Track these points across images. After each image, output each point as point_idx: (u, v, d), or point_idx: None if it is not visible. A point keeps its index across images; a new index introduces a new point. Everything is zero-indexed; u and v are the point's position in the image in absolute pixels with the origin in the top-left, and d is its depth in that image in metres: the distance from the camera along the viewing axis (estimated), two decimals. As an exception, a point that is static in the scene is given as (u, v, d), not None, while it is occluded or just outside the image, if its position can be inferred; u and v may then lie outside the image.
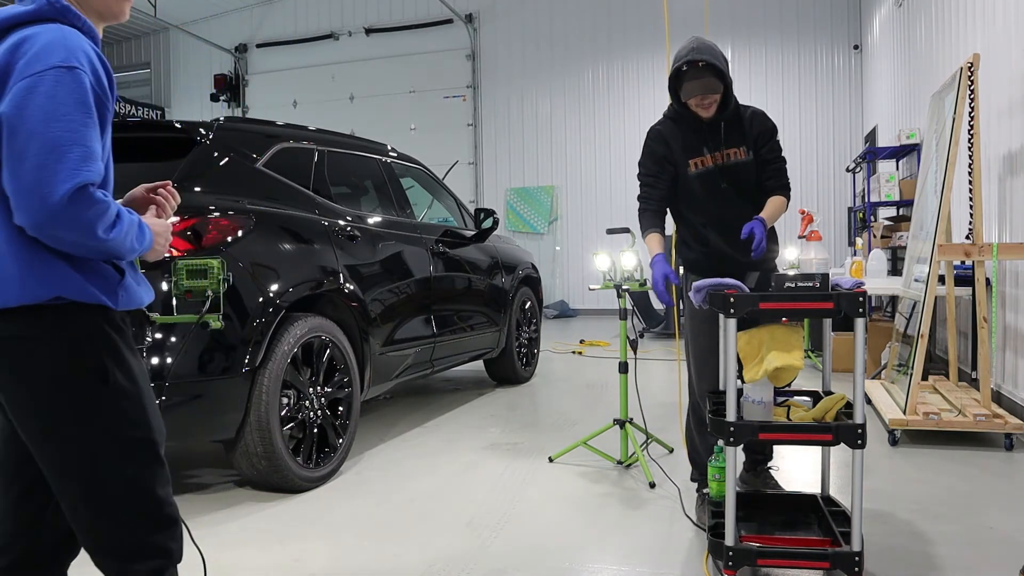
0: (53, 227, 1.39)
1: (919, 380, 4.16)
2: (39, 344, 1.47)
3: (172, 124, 3.77)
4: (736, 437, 2.31)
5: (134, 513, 1.56)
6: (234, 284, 3.09)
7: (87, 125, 1.42)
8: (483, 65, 12.33)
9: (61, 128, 1.39)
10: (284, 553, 2.74)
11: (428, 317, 4.51)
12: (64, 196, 1.36)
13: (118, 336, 1.56)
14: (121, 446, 1.54)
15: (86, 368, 1.50)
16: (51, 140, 1.37)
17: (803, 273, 2.37)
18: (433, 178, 5.46)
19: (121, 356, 1.55)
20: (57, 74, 1.41)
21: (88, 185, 1.39)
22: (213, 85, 13.52)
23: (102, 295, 1.51)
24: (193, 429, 3.12)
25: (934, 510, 3.06)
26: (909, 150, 6.98)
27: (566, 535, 2.88)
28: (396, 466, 3.79)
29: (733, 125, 2.85)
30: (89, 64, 1.47)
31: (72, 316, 1.49)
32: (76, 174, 1.37)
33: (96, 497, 1.53)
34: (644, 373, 6.02)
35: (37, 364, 1.47)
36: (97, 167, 1.42)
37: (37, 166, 1.36)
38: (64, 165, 1.37)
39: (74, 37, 1.48)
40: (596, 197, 11.82)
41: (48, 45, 1.44)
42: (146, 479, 1.57)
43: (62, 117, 1.39)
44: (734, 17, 11.01)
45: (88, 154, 1.40)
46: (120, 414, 1.53)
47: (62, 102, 1.40)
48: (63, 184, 1.36)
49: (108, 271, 1.54)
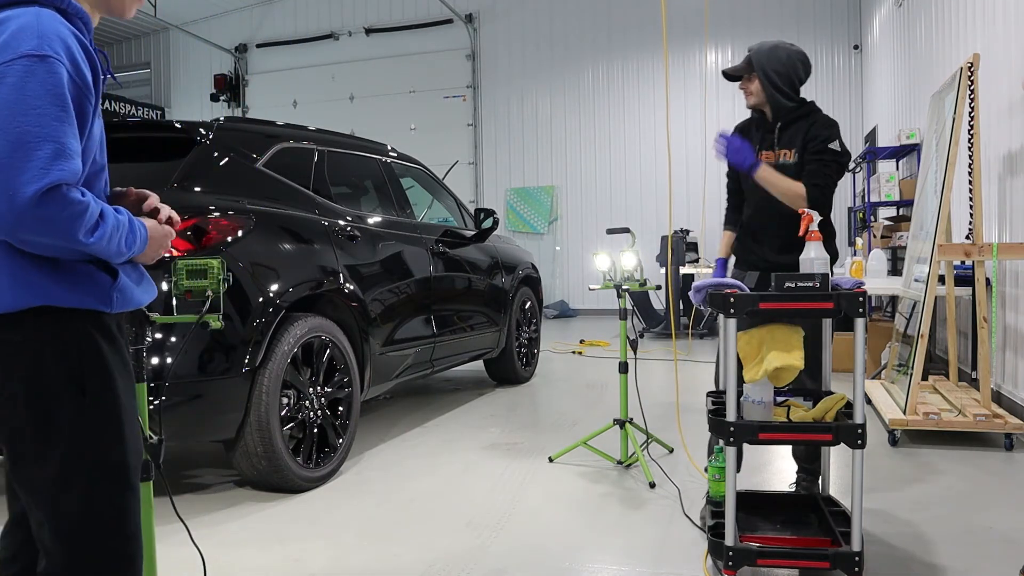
0: (22, 231, 1.27)
1: (919, 380, 4.16)
2: (21, 349, 1.38)
3: (172, 124, 3.76)
4: (736, 437, 2.31)
5: (93, 545, 1.44)
6: (234, 284, 3.09)
7: (61, 120, 1.30)
8: (483, 65, 12.33)
9: (30, 123, 1.26)
10: (284, 553, 2.74)
11: (428, 317, 4.51)
12: (31, 197, 1.24)
13: (108, 345, 1.46)
14: (91, 468, 1.43)
15: (65, 377, 1.40)
16: (17, 136, 1.25)
17: (803, 273, 2.37)
18: (433, 178, 5.46)
19: (105, 367, 1.45)
20: (27, 64, 1.29)
21: (61, 185, 1.27)
22: (213, 85, 13.52)
23: (93, 301, 1.42)
24: (193, 429, 3.12)
25: (934, 510, 3.06)
26: (909, 150, 6.98)
27: (566, 535, 2.88)
28: (396, 466, 3.79)
29: (790, 128, 2.92)
30: (67, 52, 1.34)
31: (59, 322, 1.39)
32: (46, 173, 1.25)
33: (58, 518, 1.41)
34: (644, 373, 6.02)
35: (16, 370, 1.38)
36: (72, 165, 1.30)
37: (1, 165, 1.25)
38: (32, 164, 1.25)
39: (51, 22, 1.35)
40: (596, 197, 11.82)
41: (19, 31, 1.31)
42: (114, 508, 1.46)
43: (31, 111, 1.27)
44: (734, 17, 11.01)
45: (61, 151, 1.28)
46: (95, 431, 1.43)
47: (32, 94, 1.28)
48: (30, 184, 1.24)
49: (99, 275, 1.44)
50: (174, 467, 3.82)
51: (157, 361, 2.88)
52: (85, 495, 1.42)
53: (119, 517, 1.47)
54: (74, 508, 1.42)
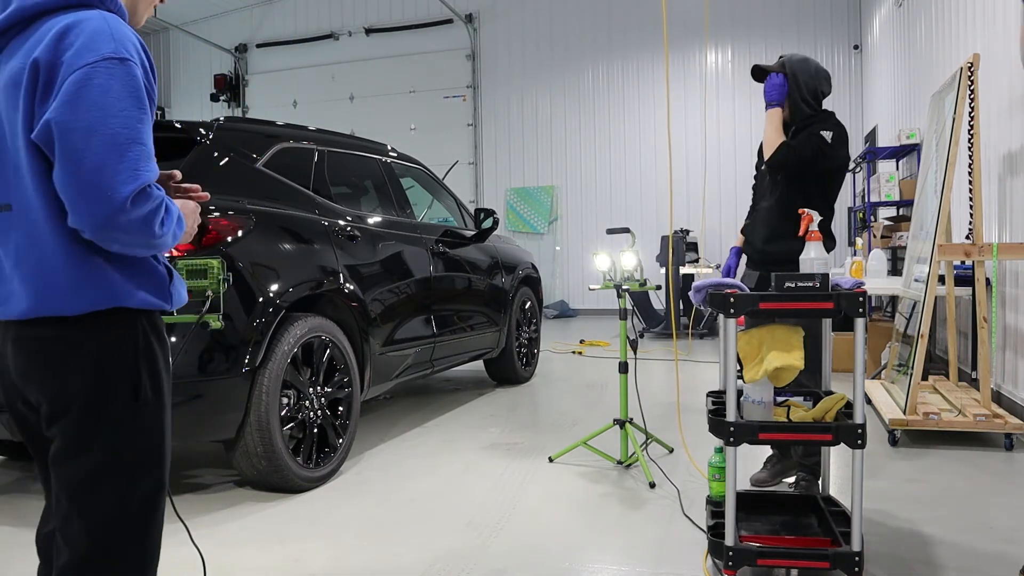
0: (116, 229, 1.31)
1: (919, 380, 4.16)
2: (82, 349, 1.40)
3: (172, 124, 3.77)
4: (736, 437, 2.31)
5: (119, 545, 1.45)
6: (234, 284, 3.09)
7: (143, 121, 1.34)
8: (483, 65, 12.34)
9: (119, 125, 1.30)
10: (284, 553, 2.74)
11: (428, 317, 4.51)
12: (127, 198, 1.29)
13: (160, 347, 1.49)
14: (131, 469, 1.45)
15: (122, 379, 1.43)
16: (110, 138, 1.29)
17: (803, 273, 2.37)
18: (433, 178, 5.46)
19: (157, 370, 1.48)
20: (110, 66, 1.32)
21: (148, 186, 1.33)
22: (213, 85, 13.52)
23: (157, 299, 1.45)
24: (193, 429, 3.11)
25: (934, 510, 3.06)
26: (909, 150, 6.98)
27: (566, 535, 2.88)
28: (396, 466, 3.79)
29: (803, 132, 3.11)
30: (139, 55, 1.39)
31: (121, 322, 1.42)
32: (137, 175, 1.30)
33: (90, 515, 1.43)
34: (644, 373, 6.02)
35: (76, 369, 1.40)
36: (154, 166, 1.36)
37: (97, 166, 1.28)
38: (125, 165, 1.29)
39: (120, 26, 1.39)
40: (596, 197, 11.82)
41: (96, 35, 1.34)
42: (145, 511, 1.47)
43: (119, 113, 1.31)
44: (734, 17, 11.01)
45: (146, 152, 1.34)
46: (141, 433, 1.46)
47: (118, 96, 1.31)
48: (126, 185, 1.29)
49: (160, 272, 1.48)
50: (174, 467, 3.82)
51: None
52: (121, 494, 1.44)
53: (148, 521, 1.48)
54: (108, 507, 1.43)
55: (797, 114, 3.14)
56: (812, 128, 3.06)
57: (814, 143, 3.02)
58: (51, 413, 1.43)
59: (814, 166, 3.03)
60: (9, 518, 3.13)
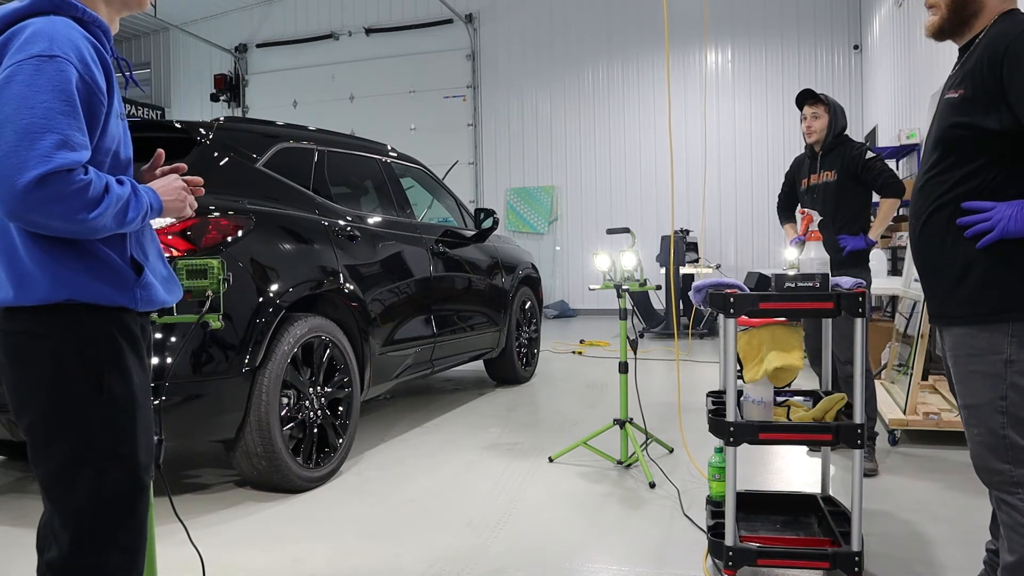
0: (28, 211, 1.33)
1: (919, 380, 4.16)
2: (45, 343, 1.45)
3: (172, 124, 3.76)
4: (736, 437, 2.31)
5: (98, 535, 1.48)
6: (234, 284, 3.08)
7: (66, 114, 1.36)
8: (483, 65, 12.33)
9: (36, 116, 1.34)
10: (284, 553, 2.74)
11: (428, 317, 4.51)
12: (31, 181, 1.30)
13: (128, 343, 1.51)
14: (101, 459, 1.48)
15: (83, 374, 1.46)
16: (23, 127, 1.33)
17: (803, 273, 2.37)
18: (433, 178, 5.46)
19: (124, 366, 1.50)
20: (37, 63, 1.36)
21: (62, 171, 1.33)
22: (213, 85, 13.51)
23: (117, 296, 1.48)
24: (193, 429, 3.11)
25: (934, 510, 3.06)
26: (909, 150, 6.97)
27: (566, 535, 2.88)
28: (396, 466, 3.79)
29: (830, 154, 3.70)
30: (77, 54, 1.41)
31: (82, 318, 1.46)
32: (48, 160, 1.31)
33: (66, 507, 1.47)
34: (644, 373, 6.02)
35: (38, 363, 1.45)
36: (76, 155, 1.35)
37: (6, 153, 1.32)
38: (35, 152, 1.31)
39: (64, 27, 1.43)
40: (596, 197, 11.81)
41: (32, 36, 1.40)
42: (121, 501, 1.50)
43: (37, 104, 1.34)
44: (734, 17, 11.01)
45: (65, 142, 1.34)
46: (107, 424, 1.48)
47: (39, 90, 1.35)
48: (32, 170, 1.31)
49: (124, 270, 1.50)
50: (174, 467, 3.82)
51: (157, 361, 2.88)
52: (93, 485, 1.47)
53: (126, 510, 1.51)
54: (82, 498, 1.47)
55: (826, 143, 3.70)
56: (851, 158, 3.61)
57: (879, 163, 3.60)
58: (17, 407, 1.49)
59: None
60: (9, 518, 3.13)
